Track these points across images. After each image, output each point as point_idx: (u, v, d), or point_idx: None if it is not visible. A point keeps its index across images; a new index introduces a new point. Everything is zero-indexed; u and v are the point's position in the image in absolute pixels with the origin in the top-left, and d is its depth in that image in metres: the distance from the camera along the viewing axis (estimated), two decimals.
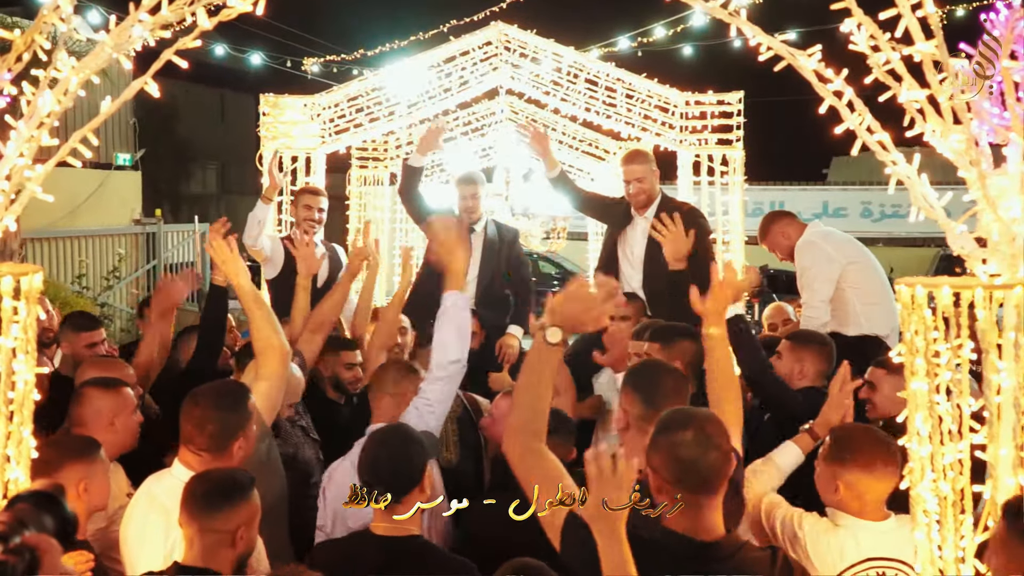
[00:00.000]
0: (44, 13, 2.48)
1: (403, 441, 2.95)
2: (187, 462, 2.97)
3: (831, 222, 24.19)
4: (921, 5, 2.18)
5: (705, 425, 2.37)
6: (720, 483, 2.36)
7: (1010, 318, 2.19)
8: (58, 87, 2.44)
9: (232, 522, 2.53)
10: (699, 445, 2.32)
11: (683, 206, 5.82)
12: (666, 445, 2.35)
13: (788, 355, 4.12)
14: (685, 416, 2.43)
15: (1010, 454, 2.20)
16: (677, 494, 2.31)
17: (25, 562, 1.35)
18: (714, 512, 2.36)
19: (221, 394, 3.08)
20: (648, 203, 5.62)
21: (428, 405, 3.51)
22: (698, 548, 2.31)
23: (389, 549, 2.80)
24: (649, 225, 5.45)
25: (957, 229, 2.32)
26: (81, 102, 2.51)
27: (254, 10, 2.33)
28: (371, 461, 2.87)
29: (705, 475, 2.33)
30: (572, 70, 6.68)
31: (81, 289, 12.49)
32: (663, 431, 2.39)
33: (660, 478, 2.34)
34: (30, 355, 2.55)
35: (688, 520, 2.33)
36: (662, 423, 2.42)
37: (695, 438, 2.33)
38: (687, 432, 2.34)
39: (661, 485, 2.34)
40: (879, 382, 3.92)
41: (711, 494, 2.35)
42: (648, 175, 5.60)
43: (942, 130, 2.27)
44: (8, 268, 2.46)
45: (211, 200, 33.40)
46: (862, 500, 2.91)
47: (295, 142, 6.80)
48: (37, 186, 2.38)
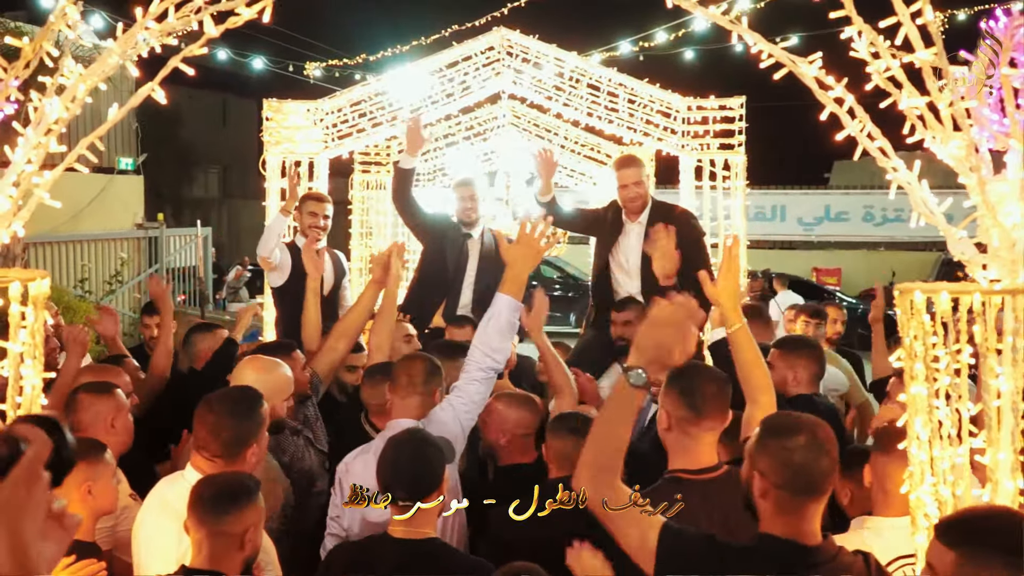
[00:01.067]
0: (52, 20, 2.51)
1: (423, 445, 2.96)
2: (200, 467, 2.99)
3: (833, 226, 24.42)
4: (921, 13, 2.20)
5: (816, 431, 2.36)
6: (827, 488, 2.35)
7: (1009, 323, 2.20)
8: (65, 94, 2.46)
9: (240, 525, 2.55)
10: (812, 450, 2.32)
11: (675, 209, 5.84)
12: (777, 449, 2.33)
13: (780, 363, 4.11)
14: (796, 421, 2.42)
15: (1008, 458, 2.21)
16: (782, 497, 2.30)
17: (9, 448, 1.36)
18: (816, 517, 2.34)
19: (236, 401, 3.09)
20: (642, 208, 5.65)
21: (465, 405, 3.53)
22: (802, 552, 2.29)
23: (407, 551, 2.81)
24: (643, 231, 5.48)
25: (957, 235, 2.34)
26: (85, 107, 2.54)
27: (260, 18, 2.35)
28: (391, 465, 2.88)
29: (815, 480, 2.32)
30: (574, 75, 6.70)
31: (83, 293, 12.51)
32: (774, 435, 2.36)
33: (768, 481, 2.31)
34: (37, 360, 2.57)
35: (790, 525, 2.31)
36: (771, 428, 2.40)
37: (808, 443, 2.32)
38: (799, 437, 2.33)
39: (767, 488, 2.32)
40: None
41: (817, 498, 2.33)
42: (643, 180, 5.62)
43: (942, 137, 2.29)
44: (16, 274, 2.49)
45: (213, 204, 33.45)
46: (886, 491, 2.94)
47: (298, 147, 6.82)
48: (45, 192, 2.40)
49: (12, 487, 1.33)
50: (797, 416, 2.47)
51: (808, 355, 4.14)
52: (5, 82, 2.32)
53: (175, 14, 2.42)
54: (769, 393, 3.14)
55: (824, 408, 4.07)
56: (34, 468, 1.35)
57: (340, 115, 6.81)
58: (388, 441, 3.06)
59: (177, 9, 2.42)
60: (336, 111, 6.82)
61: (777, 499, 2.30)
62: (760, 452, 2.36)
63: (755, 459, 2.36)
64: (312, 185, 6.79)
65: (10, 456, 1.35)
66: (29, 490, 1.34)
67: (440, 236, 5.92)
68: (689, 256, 5.37)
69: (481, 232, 6.02)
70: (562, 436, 3.50)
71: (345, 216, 8.92)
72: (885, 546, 2.86)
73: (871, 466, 3.03)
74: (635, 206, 5.63)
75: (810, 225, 24.72)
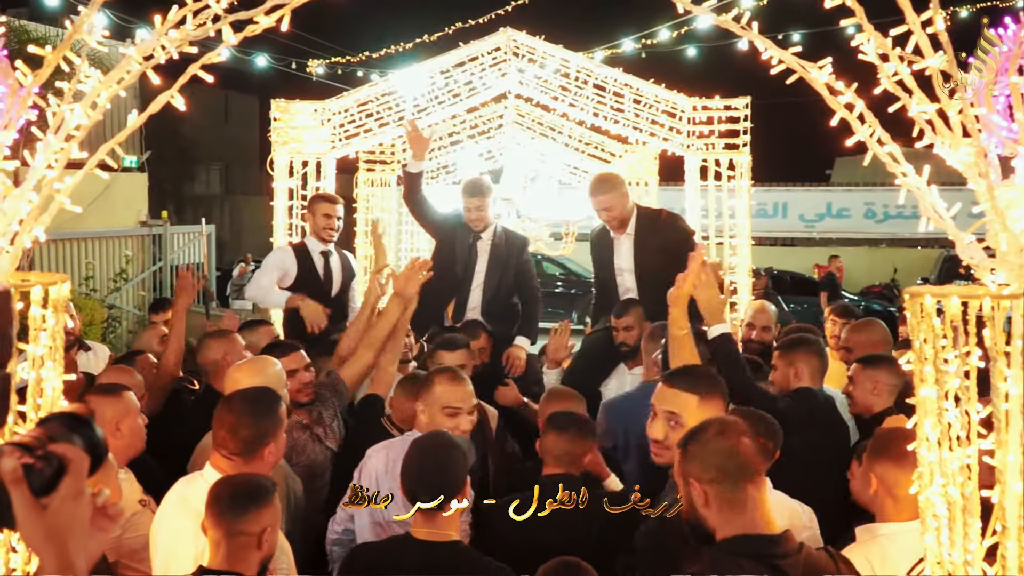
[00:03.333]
0: (69, 26, 2.54)
1: (447, 448, 3.00)
2: (219, 466, 3.03)
3: (835, 223, 24.46)
4: (932, 22, 2.23)
5: (724, 420, 2.46)
6: (760, 468, 2.40)
7: (1018, 327, 2.23)
8: (85, 100, 2.49)
9: (258, 525, 2.58)
10: (727, 436, 2.38)
11: (660, 214, 5.82)
12: (697, 449, 2.39)
13: (780, 363, 4.22)
14: (704, 423, 2.50)
15: (1018, 460, 2.24)
16: (722, 492, 2.34)
17: (52, 468, 1.40)
18: (764, 504, 2.38)
19: (254, 399, 3.14)
20: (624, 225, 5.62)
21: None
22: (765, 541, 2.32)
23: (429, 553, 2.83)
24: (632, 241, 5.52)
25: (966, 239, 2.37)
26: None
27: (278, 26, 2.38)
28: (418, 468, 2.92)
29: (743, 460, 2.36)
30: (580, 75, 6.73)
31: (89, 291, 12.54)
32: (690, 441, 2.44)
33: (702, 486, 2.36)
34: (57, 362, 2.60)
35: (742, 517, 2.34)
36: (686, 438, 2.47)
37: (719, 430, 2.40)
38: (709, 429, 2.41)
39: (705, 490, 2.35)
40: (856, 376, 4.15)
41: (754, 481, 2.37)
42: (616, 201, 5.49)
43: (951, 143, 2.32)
44: (37, 277, 2.52)
45: (215, 201, 33.50)
46: (894, 496, 2.96)
47: (305, 147, 6.85)
48: (66, 198, 2.43)
49: (60, 503, 1.39)
50: (706, 420, 2.57)
51: (805, 351, 4.18)
52: (28, 89, 2.35)
53: (193, 20, 2.45)
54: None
55: (822, 399, 4.14)
56: (78, 485, 1.41)
57: (347, 115, 6.85)
58: (412, 444, 3.09)
59: (195, 16, 2.45)
60: (343, 111, 6.86)
61: (719, 496, 2.33)
62: (686, 461, 2.41)
63: (685, 471, 2.40)
64: (320, 185, 6.82)
65: (54, 474, 1.40)
66: (75, 506, 1.41)
67: (450, 236, 5.93)
68: (679, 256, 5.41)
69: (492, 232, 5.97)
70: (557, 433, 3.55)
71: (350, 214, 8.95)
72: (905, 550, 2.86)
73: (876, 474, 3.03)
74: (616, 224, 5.62)
75: (812, 222, 24.77)
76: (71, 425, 1.48)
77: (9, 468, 1.37)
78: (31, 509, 1.38)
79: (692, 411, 2.97)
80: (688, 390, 3.02)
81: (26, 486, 1.38)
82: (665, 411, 3.01)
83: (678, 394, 3.02)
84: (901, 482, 2.91)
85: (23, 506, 1.38)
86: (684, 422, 2.93)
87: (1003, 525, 2.24)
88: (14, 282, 2.35)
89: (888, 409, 3.98)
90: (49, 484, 1.40)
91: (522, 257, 6.01)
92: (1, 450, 1.39)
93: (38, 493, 1.39)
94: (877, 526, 3.00)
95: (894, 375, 4.09)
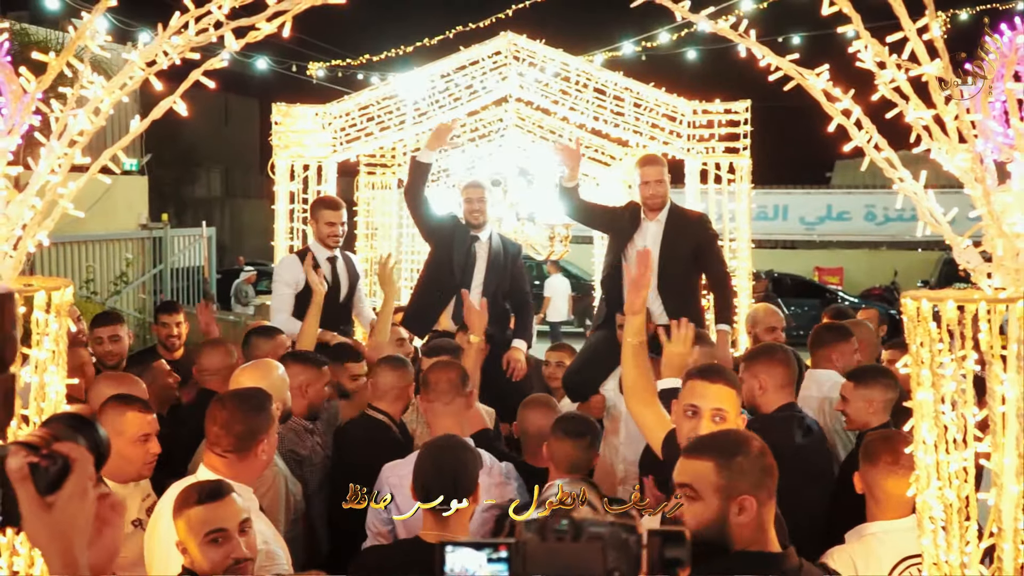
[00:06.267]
0: (71, 30, 2.56)
1: (459, 449, 3.04)
2: (213, 466, 3.04)
3: (835, 225, 24.48)
4: (927, 29, 2.25)
5: (755, 436, 2.46)
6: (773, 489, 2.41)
7: (1013, 331, 2.25)
8: (88, 106, 2.51)
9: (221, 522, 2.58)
10: (767, 454, 2.40)
11: (691, 213, 5.89)
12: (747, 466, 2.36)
13: (744, 375, 3.88)
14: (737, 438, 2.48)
15: (1014, 462, 2.26)
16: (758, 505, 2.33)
17: (57, 467, 1.43)
18: (771, 523, 2.38)
19: (246, 397, 3.17)
20: (661, 206, 5.69)
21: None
22: (772, 559, 2.32)
23: None
24: (661, 229, 5.54)
25: (963, 244, 2.39)
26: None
27: (280, 32, 2.40)
28: (432, 470, 2.93)
29: (772, 479, 2.38)
30: (580, 79, 6.75)
31: (89, 294, 12.55)
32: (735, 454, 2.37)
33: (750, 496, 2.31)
34: (61, 367, 2.62)
35: (766, 534, 2.34)
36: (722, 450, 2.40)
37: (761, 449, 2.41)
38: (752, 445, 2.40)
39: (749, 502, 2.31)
40: (848, 395, 3.96)
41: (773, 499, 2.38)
42: (663, 179, 5.68)
43: (948, 148, 2.34)
44: (40, 282, 2.54)
45: (215, 203, 33.50)
46: (875, 496, 3.07)
47: (307, 151, 6.87)
48: (69, 203, 2.45)
49: (65, 501, 1.43)
50: (737, 432, 2.60)
51: (766, 360, 3.88)
52: (31, 94, 2.37)
53: (195, 26, 2.47)
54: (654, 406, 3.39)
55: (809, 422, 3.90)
56: (83, 483, 1.45)
57: (348, 119, 6.87)
58: (424, 446, 3.12)
59: (197, 22, 2.47)
60: (344, 115, 6.88)
61: (757, 509, 2.30)
62: (734, 475, 2.31)
63: (730, 486, 2.30)
64: (321, 189, 6.84)
65: (59, 473, 1.43)
66: (79, 504, 1.44)
67: (448, 238, 5.95)
68: (705, 259, 5.55)
69: (489, 235, 6.03)
70: (563, 438, 3.56)
71: (351, 217, 8.96)
72: (892, 548, 2.95)
73: (861, 477, 3.12)
74: (655, 203, 5.67)
75: (812, 224, 24.80)
76: (75, 425, 1.51)
77: (16, 467, 1.41)
78: (37, 507, 1.41)
79: (734, 405, 3.06)
80: (728, 384, 3.09)
81: (32, 484, 1.41)
82: (712, 408, 3.02)
83: (722, 389, 3.05)
84: (879, 482, 3.06)
85: (29, 504, 1.41)
86: (728, 417, 3.00)
87: (999, 527, 2.26)
88: (17, 287, 2.37)
89: (885, 424, 3.84)
90: (54, 483, 1.43)
91: (516, 262, 6.10)
92: (7, 449, 1.42)
93: (43, 491, 1.42)
94: (865, 526, 3.09)
95: (888, 389, 3.92)
